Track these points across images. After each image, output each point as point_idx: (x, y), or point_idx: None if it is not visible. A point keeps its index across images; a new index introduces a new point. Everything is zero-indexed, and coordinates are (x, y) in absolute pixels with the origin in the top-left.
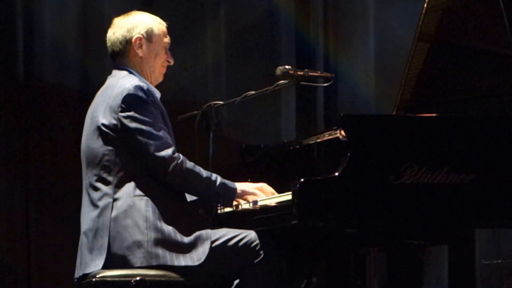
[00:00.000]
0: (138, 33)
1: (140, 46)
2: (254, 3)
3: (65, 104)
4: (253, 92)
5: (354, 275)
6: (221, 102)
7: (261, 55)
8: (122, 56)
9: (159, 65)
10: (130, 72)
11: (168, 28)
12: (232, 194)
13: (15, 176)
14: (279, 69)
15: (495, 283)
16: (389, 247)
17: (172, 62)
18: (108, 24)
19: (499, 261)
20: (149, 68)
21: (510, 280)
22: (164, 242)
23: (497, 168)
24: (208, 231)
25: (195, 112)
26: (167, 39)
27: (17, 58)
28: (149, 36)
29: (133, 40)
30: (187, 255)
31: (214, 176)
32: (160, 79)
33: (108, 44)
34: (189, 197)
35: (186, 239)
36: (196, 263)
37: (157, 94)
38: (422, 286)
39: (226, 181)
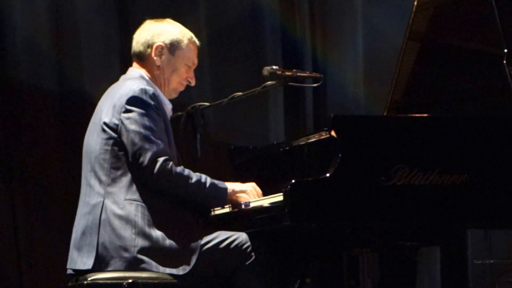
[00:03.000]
0: (162, 42)
1: (160, 55)
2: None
3: (43, 104)
4: (240, 93)
5: (347, 276)
6: (207, 104)
7: (245, 55)
8: (142, 58)
9: (176, 81)
10: (143, 77)
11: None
12: (224, 194)
13: None
14: (266, 70)
15: (488, 284)
16: (381, 248)
17: (193, 83)
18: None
19: (491, 261)
20: (163, 80)
21: (502, 280)
22: (150, 249)
23: (488, 168)
24: (198, 239)
25: (179, 113)
26: (193, 58)
27: None
28: (173, 48)
29: (154, 46)
30: (173, 266)
31: (203, 178)
32: (174, 95)
33: (133, 42)
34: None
35: (174, 247)
36: (181, 273)
37: (168, 105)
38: (414, 286)
39: (216, 182)
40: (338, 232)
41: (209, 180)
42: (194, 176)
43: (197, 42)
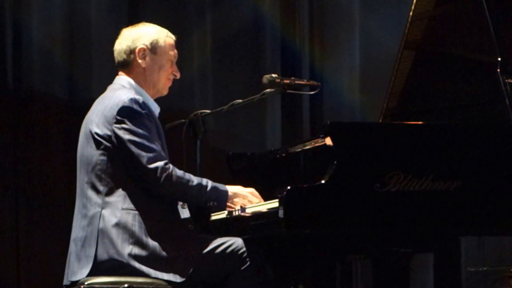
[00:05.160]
0: (143, 44)
1: (144, 57)
2: (240, 11)
3: (54, 113)
4: (240, 100)
5: (340, 283)
6: (208, 111)
7: (247, 64)
8: (126, 66)
9: (164, 77)
10: (130, 84)
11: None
12: (224, 197)
13: (4, 183)
14: (266, 78)
15: None
16: (375, 255)
17: (178, 76)
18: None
19: (485, 268)
20: (152, 79)
21: (495, 287)
22: (147, 258)
23: (482, 175)
24: (195, 247)
25: (182, 120)
26: (173, 52)
27: (6, 66)
28: (154, 47)
29: (136, 50)
30: (170, 273)
31: (204, 181)
32: (164, 92)
33: (115, 54)
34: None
35: (171, 257)
36: (178, 281)
37: (156, 109)
38: None
39: (217, 185)
40: (332, 239)
41: (210, 183)
42: (195, 179)
43: (173, 36)
